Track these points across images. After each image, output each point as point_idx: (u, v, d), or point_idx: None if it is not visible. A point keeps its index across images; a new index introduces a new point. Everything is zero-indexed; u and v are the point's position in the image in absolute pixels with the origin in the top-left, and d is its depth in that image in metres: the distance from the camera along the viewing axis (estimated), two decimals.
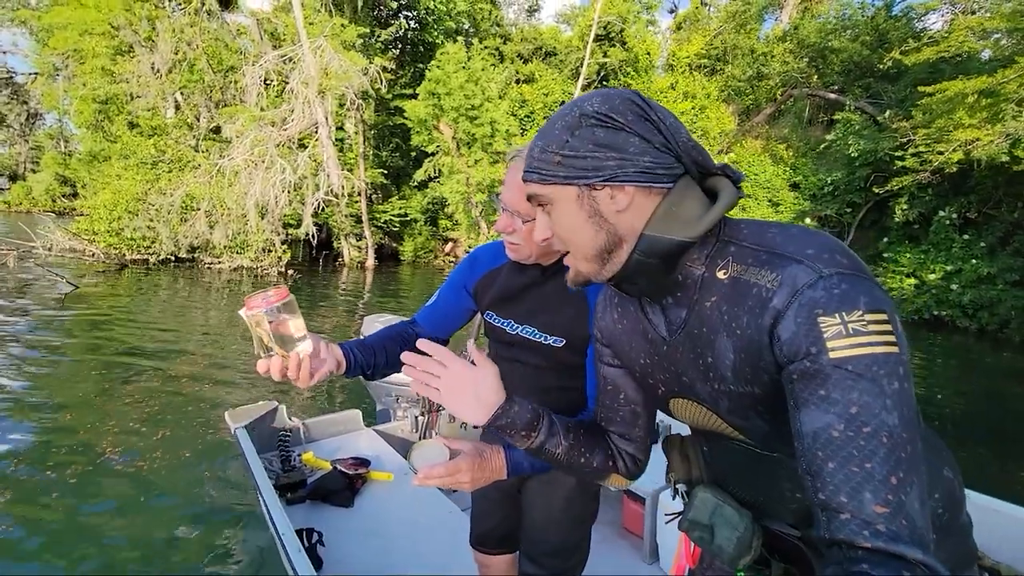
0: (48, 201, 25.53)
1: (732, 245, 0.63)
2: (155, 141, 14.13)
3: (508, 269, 1.22)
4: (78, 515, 2.77)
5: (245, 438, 2.27)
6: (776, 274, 0.56)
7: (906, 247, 12.25)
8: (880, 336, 0.50)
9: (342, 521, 2.11)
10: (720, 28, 18.90)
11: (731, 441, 0.71)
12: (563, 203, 0.66)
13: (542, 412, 0.81)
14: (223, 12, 15.57)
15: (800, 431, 0.53)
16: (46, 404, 4.16)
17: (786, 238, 0.59)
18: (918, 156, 10.92)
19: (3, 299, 7.41)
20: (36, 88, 20.26)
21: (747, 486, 0.75)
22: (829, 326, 0.51)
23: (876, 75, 14.67)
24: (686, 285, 0.66)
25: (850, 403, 0.49)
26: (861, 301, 0.51)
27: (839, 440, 0.49)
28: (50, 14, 15.74)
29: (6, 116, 34.68)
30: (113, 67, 14.48)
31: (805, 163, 15.33)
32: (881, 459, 0.48)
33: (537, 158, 0.66)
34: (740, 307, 0.59)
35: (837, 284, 0.52)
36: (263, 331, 0.82)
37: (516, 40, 21.00)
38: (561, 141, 0.64)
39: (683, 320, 0.67)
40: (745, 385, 0.61)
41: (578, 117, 0.63)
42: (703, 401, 0.69)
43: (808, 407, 0.52)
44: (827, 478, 0.50)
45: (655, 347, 0.73)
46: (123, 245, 12.25)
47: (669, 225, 0.62)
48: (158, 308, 8.27)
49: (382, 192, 16.97)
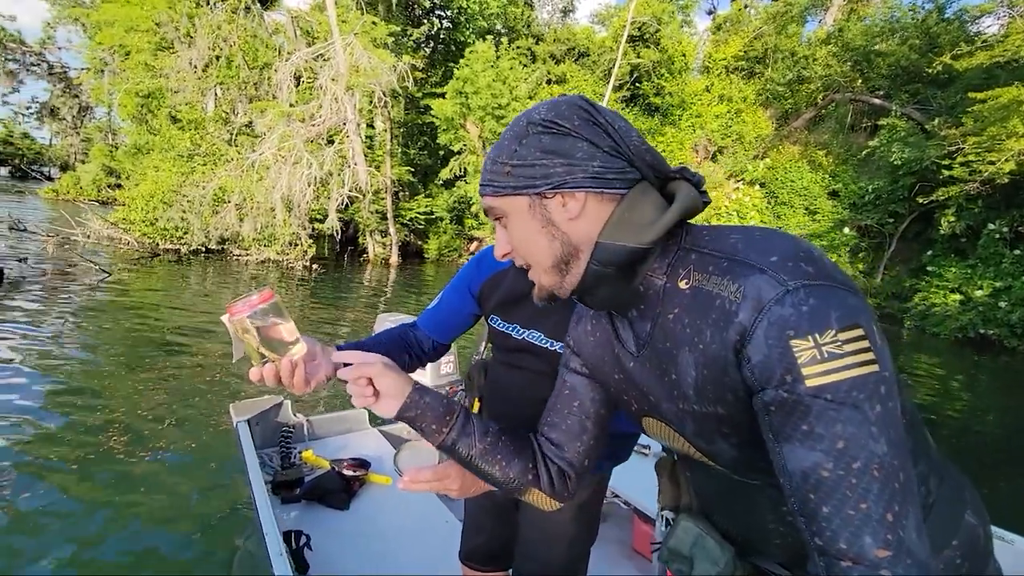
0: (94, 191, 26.65)
1: (693, 253, 0.60)
2: (191, 135, 14.55)
3: (514, 272, 1.16)
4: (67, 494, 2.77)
5: (245, 433, 2.26)
6: (738, 285, 0.53)
7: (952, 261, 11.64)
8: (857, 356, 0.47)
9: (336, 523, 2.07)
10: (760, 29, 18.36)
11: (707, 467, 0.67)
12: (516, 214, 0.65)
13: (458, 409, 0.78)
14: (262, 9, 15.95)
15: (786, 469, 0.50)
16: (66, 384, 4.26)
17: (748, 243, 0.56)
18: (967, 166, 10.39)
19: (40, 283, 7.70)
20: (84, 83, 21.18)
21: (729, 516, 0.71)
22: (803, 350, 0.48)
23: (924, 80, 13.97)
24: (648, 297, 0.63)
25: (836, 437, 0.47)
26: (832, 318, 0.48)
27: (830, 481, 0.47)
28: (100, 11, 16.42)
29: (59, 109, 36.45)
30: (154, 62, 14.98)
31: (845, 170, 14.74)
32: (875, 496, 0.46)
33: (490, 171, 0.66)
34: (703, 320, 0.56)
35: (805, 299, 0.49)
36: (251, 337, 0.77)
37: (549, 40, 20.88)
38: (510, 151, 0.63)
39: (648, 334, 0.64)
40: (708, 405, 0.58)
41: (525, 126, 0.63)
42: (670, 422, 0.66)
43: (791, 443, 0.49)
44: (823, 523, 0.48)
45: (623, 363, 0.70)
46: (157, 235, 12.64)
47: (623, 232, 0.60)
48: (186, 297, 8.47)
49: (409, 190, 17.09)
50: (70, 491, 2.83)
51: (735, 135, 17.17)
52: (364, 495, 2.28)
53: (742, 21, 19.52)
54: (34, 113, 38.94)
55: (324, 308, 8.70)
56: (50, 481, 2.90)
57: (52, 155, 41.11)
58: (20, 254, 9.39)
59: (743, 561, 0.70)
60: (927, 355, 9.48)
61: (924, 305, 11.48)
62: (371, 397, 0.77)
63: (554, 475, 0.80)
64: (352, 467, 2.34)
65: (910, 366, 8.39)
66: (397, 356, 1.15)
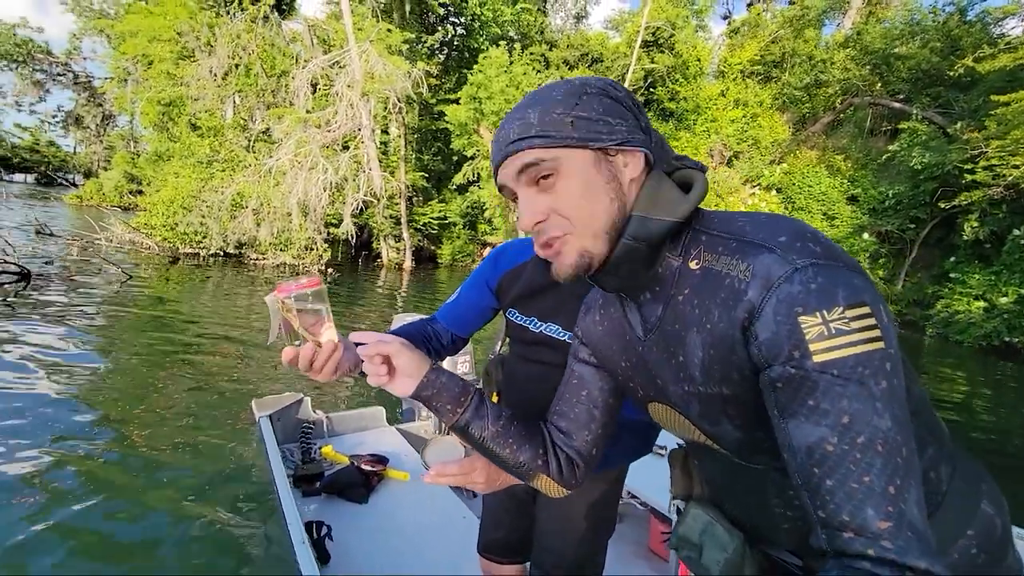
0: (116, 197, 27.30)
1: (704, 234, 0.61)
2: (210, 142, 14.85)
3: (532, 265, 1.17)
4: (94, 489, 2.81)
5: (267, 427, 2.33)
6: (747, 264, 0.53)
7: (975, 267, 11.39)
8: (863, 333, 0.48)
9: (355, 517, 2.09)
10: (777, 34, 18.25)
11: (714, 452, 0.67)
12: (576, 168, 0.60)
13: (473, 391, 0.78)
14: (280, 18, 16.28)
15: (791, 445, 0.51)
16: (89, 381, 4.33)
17: (755, 225, 0.57)
18: (991, 170, 10.19)
19: (64, 285, 7.87)
20: (108, 92, 21.76)
21: (737, 503, 0.71)
22: (811, 327, 0.48)
23: (946, 83, 13.75)
24: (664, 278, 0.63)
25: (841, 412, 0.48)
26: (840, 295, 0.49)
27: (835, 455, 0.48)
28: (124, 22, 16.89)
29: (83, 118, 37.49)
30: (176, 71, 15.35)
31: (865, 175, 14.53)
32: (878, 470, 0.47)
33: (540, 123, 0.60)
34: (711, 299, 0.57)
35: (813, 277, 0.49)
36: (292, 316, 0.80)
37: (562, 46, 20.98)
38: (569, 103, 0.60)
39: (658, 317, 0.64)
40: (713, 385, 0.58)
41: (579, 86, 0.61)
42: (675, 405, 0.66)
43: (797, 419, 0.50)
44: (827, 496, 0.49)
45: (632, 348, 0.71)
46: (177, 239, 12.88)
47: (655, 206, 0.60)
48: (204, 299, 8.60)
49: (423, 195, 17.23)
50: (95, 482, 2.87)
51: (751, 140, 17.04)
52: (382, 490, 2.30)
53: (759, 25, 19.42)
54: (59, 122, 40.13)
55: (339, 312, 8.76)
56: (76, 473, 2.94)
57: (76, 162, 42.23)
58: (46, 257, 9.63)
59: (753, 549, 0.70)
60: (951, 363, 9.25)
61: (947, 312, 11.23)
62: (386, 376, 0.76)
63: (563, 463, 0.80)
64: (371, 463, 2.37)
65: (933, 373, 8.19)
66: (423, 347, 1.16)
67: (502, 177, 0.64)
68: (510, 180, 0.64)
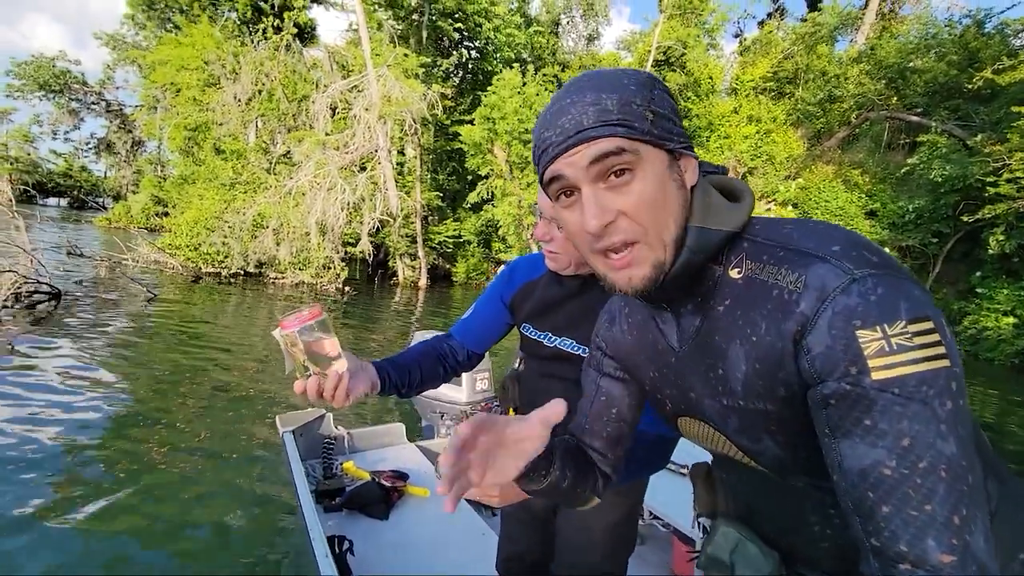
0: (143, 219, 28.14)
1: (745, 241, 0.57)
2: (233, 164, 15.32)
3: (546, 280, 1.18)
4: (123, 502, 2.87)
5: (291, 442, 2.37)
6: (799, 274, 0.50)
7: (1003, 282, 11.08)
8: (927, 349, 0.44)
9: (375, 532, 2.10)
10: (789, 50, 18.30)
11: (748, 468, 0.63)
12: (655, 168, 0.54)
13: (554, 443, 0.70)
14: (302, 46, 16.88)
15: (842, 466, 0.47)
16: (116, 397, 4.44)
17: (804, 233, 0.53)
18: (1015, 182, 9.97)
19: (93, 304, 8.12)
20: (138, 119, 22.65)
21: (772, 522, 0.67)
22: (870, 341, 0.45)
23: (965, 96, 13.58)
24: (705, 288, 0.59)
25: (900, 434, 0.44)
26: (902, 308, 0.45)
27: (892, 479, 0.44)
28: (155, 52, 17.66)
29: (115, 144, 38.94)
30: (202, 97, 15.96)
31: (883, 189, 14.33)
32: (941, 498, 0.43)
33: (620, 111, 0.52)
34: (756, 311, 0.53)
35: (873, 288, 0.46)
36: (298, 351, 0.81)
37: (575, 67, 21.32)
38: (645, 95, 0.54)
39: (696, 328, 0.61)
40: (756, 400, 0.55)
41: (649, 78, 0.56)
42: (710, 419, 0.63)
43: (851, 439, 0.46)
44: (881, 523, 0.45)
45: (663, 359, 0.67)
46: (200, 259, 13.22)
47: (709, 216, 0.57)
48: (226, 317, 8.77)
49: (438, 214, 17.47)
50: (120, 497, 2.93)
51: (765, 155, 16.97)
52: (403, 506, 2.31)
53: (770, 43, 19.51)
54: (92, 148, 41.76)
55: (356, 329, 8.87)
56: (104, 488, 3.01)
57: (106, 186, 43.76)
58: (76, 277, 9.95)
59: (789, 570, 0.66)
60: (981, 381, 8.95)
61: (975, 329, 10.91)
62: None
63: (602, 481, 0.80)
64: (391, 479, 2.38)
65: None
66: (431, 369, 1.16)
67: (565, 166, 0.55)
68: (577, 171, 0.54)
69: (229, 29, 17.71)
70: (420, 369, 1.12)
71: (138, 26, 26.88)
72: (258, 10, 16.87)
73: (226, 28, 17.61)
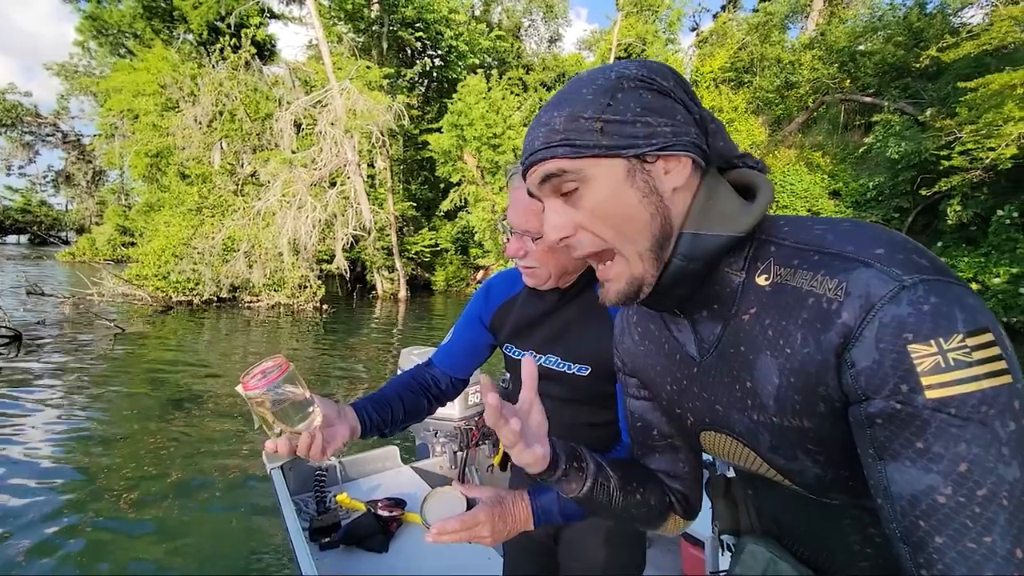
0: (109, 250, 27.36)
1: (771, 244, 0.53)
2: (199, 188, 14.99)
3: (524, 296, 1.13)
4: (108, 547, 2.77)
5: (279, 479, 2.24)
6: (838, 280, 0.45)
7: (963, 251, 11.47)
8: (987, 365, 0.40)
9: (376, 566, 2.02)
10: (744, 40, 18.72)
11: (779, 485, 0.58)
12: (606, 181, 0.52)
13: (579, 447, 0.68)
14: (262, 64, 16.64)
15: (889, 491, 0.44)
16: (89, 439, 4.29)
17: (840, 235, 0.49)
18: (967, 154, 10.34)
19: (58, 345, 7.85)
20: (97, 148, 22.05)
21: (805, 539, 0.62)
22: (923, 357, 0.41)
23: (913, 74, 14.09)
24: (724, 296, 0.55)
25: (957, 458, 0.40)
26: (959, 320, 0.41)
27: (947, 508, 0.41)
28: (108, 79, 17.21)
29: (74, 175, 37.82)
30: (161, 122, 15.60)
31: (844, 169, 14.74)
32: (1002, 529, 0.39)
33: (564, 129, 0.52)
34: (790, 320, 0.49)
35: (925, 297, 0.42)
36: (264, 411, 0.73)
37: (538, 69, 21.44)
38: (600, 104, 0.51)
39: (717, 337, 0.57)
40: (792, 418, 0.50)
41: (615, 79, 0.52)
42: (739, 436, 0.58)
43: (899, 462, 0.43)
44: (934, 554, 0.41)
45: (682, 370, 0.62)
46: (169, 288, 12.89)
47: (710, 220, 0.53)
48: (200, 346, 8.56)
49: (413, 224, 17.36)
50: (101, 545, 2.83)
51: None
52: (402, 535, 2.22)
53: (726, 34, 19.93)
54: (50, 181, 40.47)
55: (337, 349, 8.74)
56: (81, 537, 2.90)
57: (69, 220, 42.47)
58: (38, 317, 9.62)
59: None
60: None
61: None
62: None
63: (680, 499, 0.75)
64: (388, 507, 2.28)
65: None
66: (415, 402, 1.12)
67: (528, 184, 0.58)
68: (535, 189, 0.57)
69: (185, 51, 17.38)
70: (403, 403, 1.07)
71: (88, 53, 26.23)
72: (214, 30, 16.58)
73: (182, 50, 17.27)
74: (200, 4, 16.08)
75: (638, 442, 0.76)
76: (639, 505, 0.70)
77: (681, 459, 0.74)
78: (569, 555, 1.15)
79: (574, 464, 0.65)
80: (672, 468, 0.74)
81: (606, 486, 0.67)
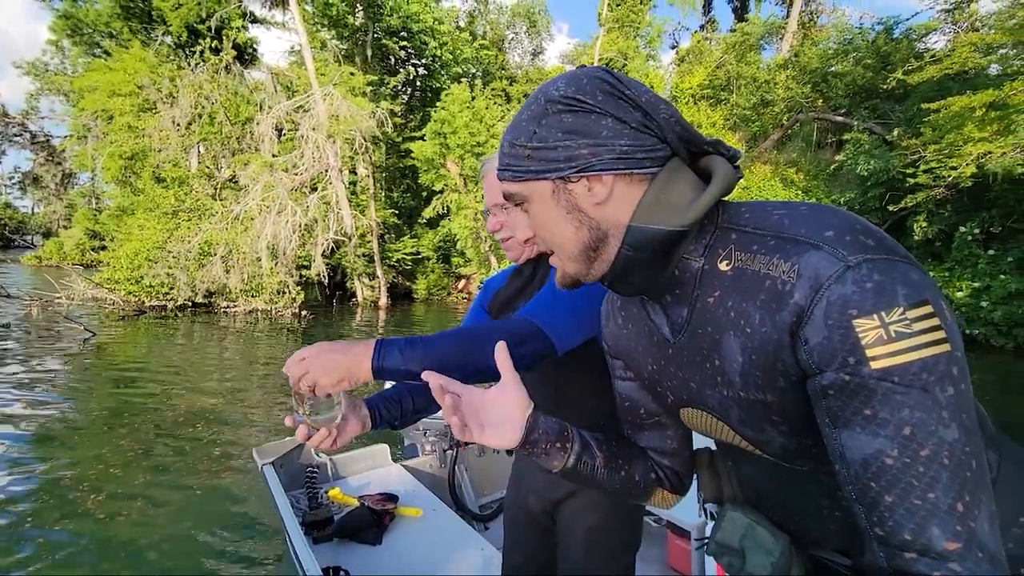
0: (78, 255, 26.51)
1: (733, 232, 0.56)
2: (175, 191, 14.68)
3: (510, 278, 1.20)
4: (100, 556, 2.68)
5: (272, 475, 2.27)
6: (791, 263, 0.49)
7: (929, 265, 11.91)
8: (927, 335, 0.44)
9: (370, 559, 2.03)
10: (721, 59, 19.29)
11: (754, 456, 0.63)
12: (539, 200, 0.61)
13: (568, 427, 0.72)
14: (243, 68, 16.45)
15: (844, 456, 0.47)
16: (67, 447, 4.13)
17: (795, 219, 0.52)
18: (930, 172, 10.77)
19: (26, 348, 7.56)
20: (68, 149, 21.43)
21: (780, 505, 0.67)
22: (867, 330, 0.44)
23: (881, 96, 14.69)
24: (684, 280, 0.59)
25: (901, 423, 0.44)
26: (899, 294, 0.44)
27: (895, 469, 0.44)
28: (82, 78, 16.79)
29: (42, 177, 36.62)
30: (137, 123, 15.26)
31: (817, 185, 15.22)
32: (944, 485, 0.43)
33: (508, 154, 0.62)
34: (749, 302, 0.52)
35: (868, 275, 0.45)
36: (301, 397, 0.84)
37: (522, 81, 21.70)
38: (529, 133, 0.59)
39: (685, 319, 0.61)
40: (756, 391, 0.54)
41: (544, 105, 0.58)
42: (713, 411, 0.62)
43: (851, 428, 0.46)
44: (885, 512, 0.45)
45: (660, 351, 0.67)
46: (142, 292, 12.54)
47: (657, 213, 0.56)
48: (175, 352, 8.34)
49: (394, 231, 17.27)
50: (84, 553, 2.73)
51: None
52: (396, 529, 2.23)
53: (704, 52, 20.51)
54: (16, 183, 39.11)
55: None
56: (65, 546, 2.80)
57: (34, 223, 41.02)
58: (1, 319, 9.25)
59: (799, 551, 0.65)
60: None
61: None
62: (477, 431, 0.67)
63: (669, 474, 0.79)
64: (381, 501, 2.29)
65: None
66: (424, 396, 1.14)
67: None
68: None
69: (164, 53, 17.07)
70: (412, 398, 1.10)
71: (62, 52, 25.58)
72: (194, 32, 16.35)
73: (160, 52, 16.97)
74: (180, 5, 15.84)
75: (627, 421, 0.80)
76: (624, 480, 0.75)
77: (669, 435, 0.78)
78: (567, 530, 1.18)
79: (556, 444, 0.69)
80: (661, 445, 0.78)
81: (590, 463, 0.72)
